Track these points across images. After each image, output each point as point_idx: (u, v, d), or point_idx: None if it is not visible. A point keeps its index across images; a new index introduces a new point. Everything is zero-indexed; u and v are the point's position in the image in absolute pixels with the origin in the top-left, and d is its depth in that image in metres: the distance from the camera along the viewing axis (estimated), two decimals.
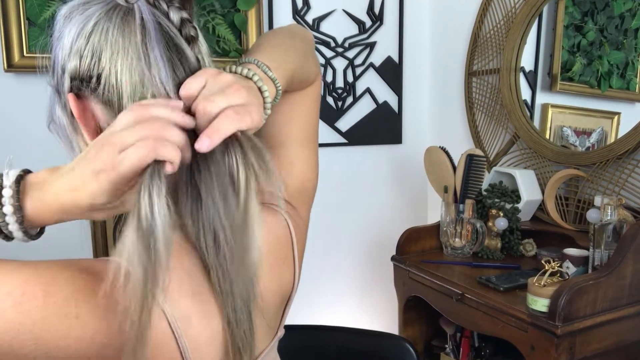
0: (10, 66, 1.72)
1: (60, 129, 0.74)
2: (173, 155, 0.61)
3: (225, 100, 0.64)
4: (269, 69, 0.75)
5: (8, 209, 0.59)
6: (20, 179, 0.60)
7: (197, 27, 0.71)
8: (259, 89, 0.72)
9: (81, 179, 0.60)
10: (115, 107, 0.66)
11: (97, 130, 0.70)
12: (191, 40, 0.69)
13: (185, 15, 0.69)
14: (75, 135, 0.73)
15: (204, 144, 0.62)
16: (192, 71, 0.68)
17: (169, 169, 0.61)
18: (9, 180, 0.60)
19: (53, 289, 0.59)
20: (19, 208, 0.59)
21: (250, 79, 0.71)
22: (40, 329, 0.57)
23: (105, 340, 0.61)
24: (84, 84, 0.67)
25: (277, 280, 0.84)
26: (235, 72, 0.72)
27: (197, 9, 1.92)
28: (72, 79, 0.68)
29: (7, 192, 0.59)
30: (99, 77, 0.66)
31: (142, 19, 0.67)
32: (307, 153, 0.94)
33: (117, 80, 0.65)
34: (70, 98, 0.68)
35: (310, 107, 0.95)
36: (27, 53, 1.73)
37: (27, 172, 0.62)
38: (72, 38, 0.67)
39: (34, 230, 0.63)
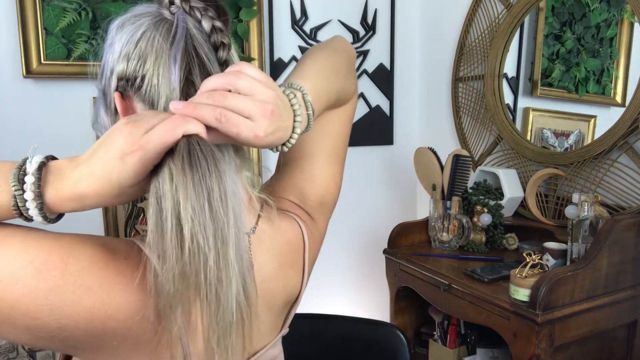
0: (29, 72, 1.71)
1: (103, 127, 0.76)
2: (200, 128, 0.62)
3: (250, 107, 0.64)
4: (310, 105, 0.75)
5: (29, 195, 0.59)
6: (42, 166, 0.60)
7: (229, 37, 0.72)
8: (294, 119, 0.71)
9: (102, 166, 0.59)
10: (155, 105, 0.68)
11: None
12: (220, 46, 0.70)
13: (217, 24, 0.70)
14: None
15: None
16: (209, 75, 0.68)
17: (203, 135, 0.62)
18: (32, 167, 0.59)
19: (71, 260, 0.59)
20: (39, 195, 0.59)
21: (292, 106, 0.71)
22: (54, 296, 0.58)
23: (111, 312, 0.61)
24: (129, 84, 0.69)
25: (282, 282, 0.83)
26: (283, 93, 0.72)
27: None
28: (119, 79, 0.70)
29: (30, 179, 0.59)
30: (143, 77, 0.68)
31: (176, 26, 0.68)
32: (332, 168, 0.93)
33: (159, 81, 0.67)
34: (116, 96, 0.70)
35: (342, 126, 0.94)
36: (44, 60, 1.72)
37: (50, 158, 0.62)
38: (122, 44, 0.70)
39: (52, 215, 0.63)
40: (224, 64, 0.71)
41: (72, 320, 0.59)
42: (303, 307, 0.96)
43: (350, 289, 2.46)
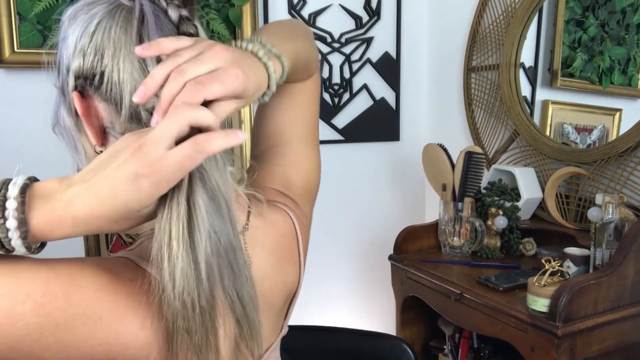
0: (1, 62, 1.71)
1: (65, 131, 0.75)
2: (222, 144, 0.59)
3: (195, 69, 0.60)
4: (273, 46, 0.73)
5: (12, 223, 0.55)
6: (25, 189, 0.56)
7: (197, 25, 0.71)
8: (264, 65, 0.69)
9: (109, 186, 0.56)
10: (118, 104, 0.67)
11: (101, 129, 0.71)
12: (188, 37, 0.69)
13: (184, 13, 0.69)
14: (80, 135, 0.74)
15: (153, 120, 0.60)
16: None
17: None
18: (14, 190, 0.55)
19: (74, 289, 0.58)
20: (23, 222, 0.55)
21: (255, 54, 0.69)
22: (63, 331, 0.57)
23: (127, 341, 0.61)
24: (88, 82, 0.68)
25: (281, 278, 0.85)
26: (239, 47, 0.70)
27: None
28: (76, 78, 0.69)
29: (12, 204, 0.55)
30: (102, 74, 0.67)
31: (141, 11, 0.68)
32: (309, 151, 0.95)
33: (120, 77, 0.66)
34: (75, 97, 0.69)
35: (310, 104, 0.96)
36: (17, 48, 1.72)
37: (33, 180, 0.59)
38: (76, 37, 0.69)
39: (36, 244, 0.60)
40: None
41: (86, 355, 0.59)
42: (302, 319, 0.96)
43: (353, 298, 2.46)
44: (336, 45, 2.27)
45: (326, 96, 2.26)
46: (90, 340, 0.58)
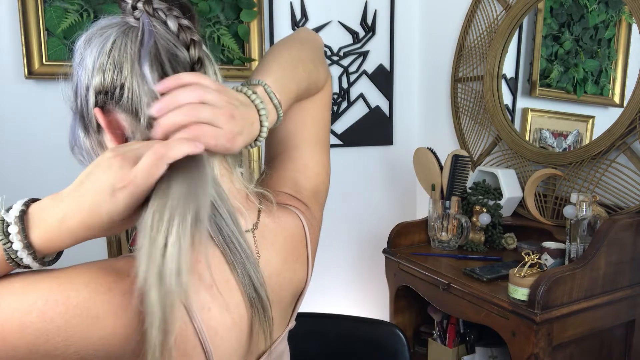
0: (31, 73, 1.71)
1: (84, 150, 0.73)
2: (184, 150, 0.59)
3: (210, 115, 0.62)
4: (274, 95, 0.73)
5: (18, 245, 0.57)
6: (23, 214, 0.58)
7: (198, 33, 0.70)
8: (259, 115, 0.70)
9: (91, 199, 0.57)
10: (138, 113, 0.66)
11: (124, 141, 0.69)
12: (190, 44, 0.68)
13: (184, 22, 0.68)
14: (101, 150, 0.72)
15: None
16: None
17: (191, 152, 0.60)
18: (10, 216, 0.57)
19: (72, 293, 0.58)
20: (28, 245, 0.57)
21: (253, 102, 0.70)
22: (65, 331, 0.57)
23: (126, 333, 0.61)
24: (109, 96, 0.67)
25: (289, 276, 0.83)
26: (241, 92, 0.71)
27: (203, 21, 1.92)
28: (97, 94, 0.68)
29: (13, 229, 0.57)
30: (122, 86, 0.66)
31: (142, 31, 0.67)
32: (319, 155, 0.93)
33: (139, 85, 0.66)
34: (97, 112, 0.68)
35: (321, 112, 0.93)
36: (46, 61, 1.72)
37: (30, 202, 0.60)
38: (93, 57, 0.67)
39: (50, 257, 0.62)
40: (197, 62, 0.69)
41: (92, 349, 0.59)
42: (304, 306, 0.97)
43: (351, 288, 2.46)
44: (335, 58, 2.28)
45: None
46: (91, 337, 0.58)
